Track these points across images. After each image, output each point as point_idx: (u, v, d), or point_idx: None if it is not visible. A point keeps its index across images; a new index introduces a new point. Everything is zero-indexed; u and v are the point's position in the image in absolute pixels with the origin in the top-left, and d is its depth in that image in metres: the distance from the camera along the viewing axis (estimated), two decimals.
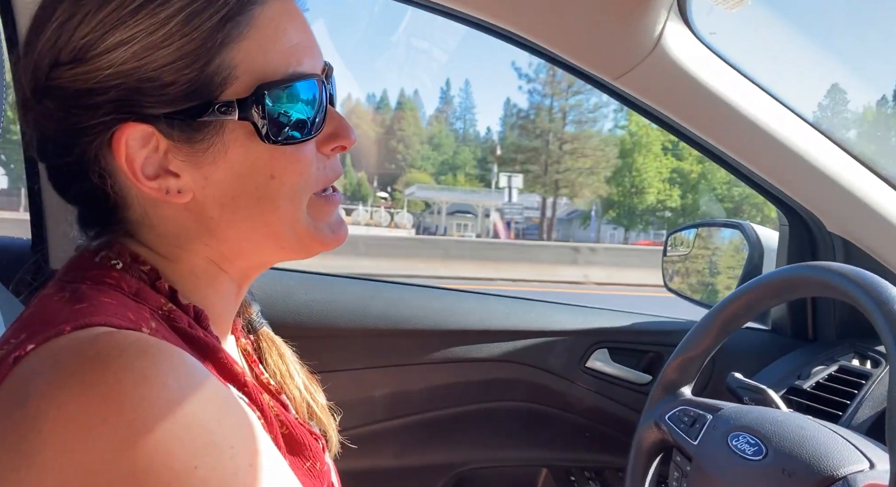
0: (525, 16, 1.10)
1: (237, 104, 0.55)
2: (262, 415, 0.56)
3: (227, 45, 0.54)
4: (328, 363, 1.38)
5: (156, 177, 0.55)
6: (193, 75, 0.53)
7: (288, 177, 0.58)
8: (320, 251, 0.64)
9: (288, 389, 0.72)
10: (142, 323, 0.50)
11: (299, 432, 0.61)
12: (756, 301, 0.93)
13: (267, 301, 1.36)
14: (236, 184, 0.57)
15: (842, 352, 1.22)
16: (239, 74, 0.55)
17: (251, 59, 0.55)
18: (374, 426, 1.41)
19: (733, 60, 1.17)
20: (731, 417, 0.88)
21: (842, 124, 35.57)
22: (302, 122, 0.58)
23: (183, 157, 0.56)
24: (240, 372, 0.57)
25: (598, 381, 1.43)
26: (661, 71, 1.14)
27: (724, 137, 1.22)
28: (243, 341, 0.73)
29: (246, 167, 0.57)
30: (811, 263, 0.87)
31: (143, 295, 0.55)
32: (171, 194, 0.56)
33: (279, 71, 0.56)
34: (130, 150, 0.54)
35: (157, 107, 0.54)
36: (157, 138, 0.55)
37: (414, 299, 1.44)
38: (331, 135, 0.62)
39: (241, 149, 0.56)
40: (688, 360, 0.99)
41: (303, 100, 0.58)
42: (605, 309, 1.52)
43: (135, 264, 0.57)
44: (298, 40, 0.59)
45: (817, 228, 1.30)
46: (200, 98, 0.54)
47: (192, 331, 0.55)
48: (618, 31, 1.10)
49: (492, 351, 1.43)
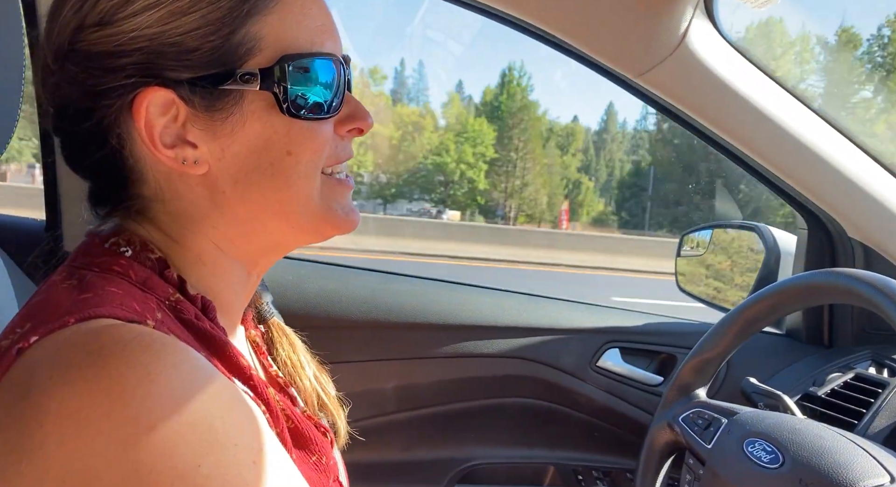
0: (548, 10, 1.09)
1: (260, 73, 0.55)
2: (267, 410, 0.56)
3: (253, 16, 0.55)
4: (338, 354, 1.37)
5: (173, 146, 0.55)
6: (218, 43, 0.54)
7: (304, 154, 0.58)
8: (331, 234, 0.63)
9: (298, 380, 0.71)
10: (147, 315, 0.49)
11: (305, 426, 0.61)
12: (778, 305, 0.92)
13: (278, 290, 1.36)
14: (252, 158, 0.57)
15: (858, 360, 1.21)
16: (263, 47, 0.55)
17: (276, 33, 0.56)
18: (381, 418, 1.40)
19: (758, 60, 1.15)
20: (747, 422, 0.87)
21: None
22: (322, 100, 0.58)
23: (201, 127, 0.55)
24: (246, 365, 0.56)
25: (608, 381, 1.42)
26: (685, 69, 1.12)
27: (746, 138, 1.20)
28: (253, 332, 0.73)
29: (263, 140, 0.57)
30: (837, 270, 0.85)
31: (151, 284, 0.55)
32: (188, 165, 0.56)
33: (303, 46, 0.57)
34: (150, 116, 0.54)
35: (180, 72, 0.54)
36: (177, 107, 0.55)
37: (425, 292, 1.44)
38: (349, 116, 0.62)
39: (260, 121, 0.56)
40: (704, 362, 0.98)
41: (324, 78, 0.58)
42: (617, 309, 1.51)
43: (144, 252, 0.57)
44: (322, 22, 0.59)
45: (838, 233, 1.29)
46: (223, 66, 0.54)
47: (198, 323, 0.55)
48: (642, 28, 1.08)
49: (502, 347, 1.42)
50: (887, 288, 0.75)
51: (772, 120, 1.15)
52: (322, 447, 0.62)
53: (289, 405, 0.62)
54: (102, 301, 0.48)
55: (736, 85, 1.13)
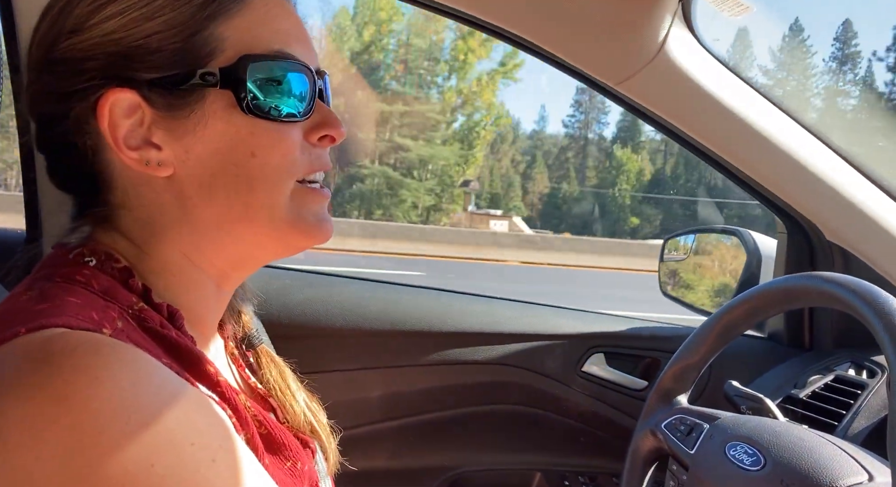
0: (528, 18, 1.10)
1: (220, 73, 0.56)
2: (234, 414, 0.56)
3: (216, 19, 0.57)
4: (323, 362, 1.37)
5: (137, 148, 0.57)
6: (179, 44, 0.56)
7: (270, 156, 0.58)
8: (301, 245, 0.63)
9: (288, 405, 0.71)
10: (105, 323, 0.49)
11: (279, 432, 0.61)
12: (757, 309, 0.93)
13: (264, 299, 1.35)
14: (216, 160, 0.57)
15: (838, 362, 1.22)
16: (225, 48, 0.57)
17: (239, 35, 0.58)
18: (368, 427, 1.40)
19: (736, 67, 1.17)
20: (728, 426, 0.88)
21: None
22: (285, 100, 0.59)
23: (165, 128, 0.57)
24: (212, 371, 0.56)
25: (594, 386, 1.43)
26: (664, 76, 1.14)
27: (724, 144, 1.22)
28: (232, 344, 0.73)
29: (226, 141, 0.57)
30: (813, 273, 0.86)
31: (114, 293, 0.55)
32: (152, 166, 0.57)
33: (266, 47, 0.58)
34: (114, 117, 0.56)
35: (142, 72, 0.56)
36: (142, 110, 0.56)
37: (411, 300, 1.44)
38: (319, 123, 0.62)
39: (222, 121, 0.57)
40: (685, 368, 0.99)
41: (286, 80, 0.59)
42: (602, 314, 1.52)
43: (108, 261, 0.57)
44: (289, 27, 0.61)
45: (816, 237, 1.30)
46: (185, 66, 0.56)
47: (163, 331, 0.55)
48: (622, 37, 1.09)
49: (488, 353, 1.42)
50: (862, 291, 0.77)
51: (750, 125, 1.16)
52: (297, 453, 0.62)
53: (261, 411, 0.61)
54: (58, 311, 0.49)
55: (714, 92, 1.15)
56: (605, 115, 42.64)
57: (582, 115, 43.08)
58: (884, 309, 0.73)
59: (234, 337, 0.74)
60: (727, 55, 1.18)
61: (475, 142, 27.51)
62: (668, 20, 1.07)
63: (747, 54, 34.50)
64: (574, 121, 43.60)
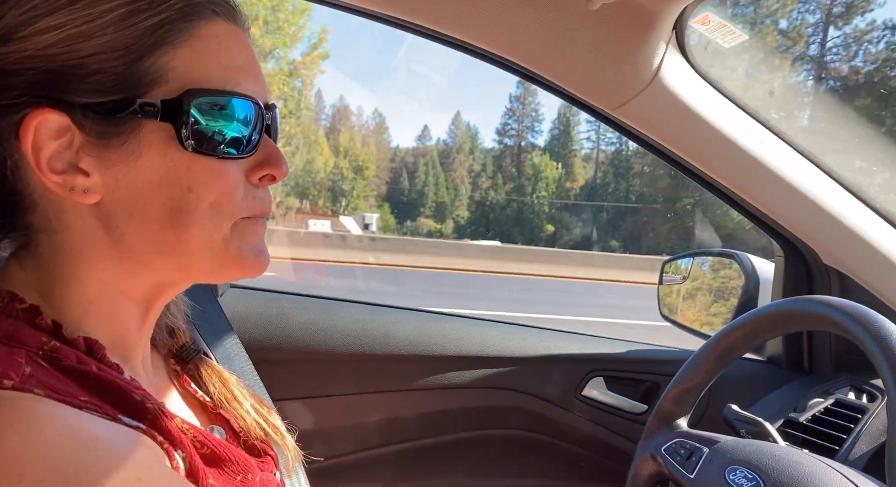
0: (525, 46, 1.12)
1: (161, 105, 0.53)
2: (166, 439, 0.54)
3: (162, 47, 0.53)
4: (323, 387, 1.37)
5: (62, 172, 0.53)
6: (120, 69, 0.52)
7: (207, 193, 0.55)
8: (237, 277, 0.61)
9: (237, 414, 0.70)
10: (10, 371, 0.47)
11: (223, 449, 0.60)
12: (755, 332, 0.93)
13: (262, 323, 1.35)
14: (149, 192, 0.54)
15: (838, 386, 1.22)
16: (170, 78, 0.54)
17: (186, 65, 0.54)
18: (367, 452, 1.39)
19: (731, 92, 1.19)
20: (727, 450, 0.87)
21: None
22: (228, 138, 0.56)
23: (95, 154, 0.53)
24: (138, 399, 0.54)
25: (593, 410, 1.42)
26: (659, 102, 1.15)
27: (720, 168, 1.23)
28: (173, 361, 0.71)
29: (161, 174, 0.54)
30: (811, 297, 0.87)
31: (19, 336, 0.52)
32: (77, 192, 0.53)
33: (213, 82, 0.55)
34: (39, 139, 0.52)
35: (77, 95, 0.52)
36: (72, 133, 0.53)
37: (410, 323, 1.44)
38: (261, 162, 0.60)
39: (158, 153, 0.54)
40: (685, 391, 0.99)
41: (233, 117, 0.56)
42: (601, 337, 1.52)
43: (12, 303, 0.54)
44: (242, 62, 0.58)
45: (813, 260, 1.31)
46: (124, 93, 0.52)
47: (80, 367, 0.52)
48: (617, 63, 1.11)
49: (487, 377, 1.42)
50: (859, 316, 0.77)
51: (745, 150, 1.18)
52: (246, 466, 0.61)
53: (201, 431, 0.60)
54: None
55: (709, 117, 1.16)
56: (539, 124, 42.97)
57: (515, 124, 43.60)
58: (880, 334, 0.73)
59: (171, 353, 0.72)
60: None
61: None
62: (662, 47, 1.09)
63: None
64: (508, 129, 44.28)
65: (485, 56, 1.16)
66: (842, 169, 1.20)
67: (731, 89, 1.18)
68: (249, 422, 0.70)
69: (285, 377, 1.34)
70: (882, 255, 1.19)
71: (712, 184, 1.28)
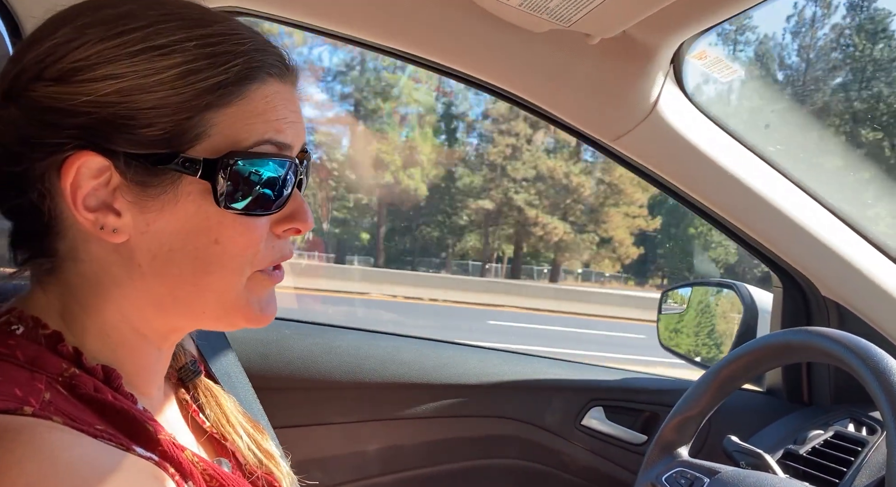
0: (525, 78, 1.14)
1: (203, 162, 0.54)
2: (177, 472, 0.54)
3: (213, 108, 0.54)
4: (321, 415, 1.36)
5: (96, 210, 0.54)
6: (169, 126, 0.53)
7: (233, 246, 0.57)
8: (241, 326, 0.62)
9: (231, 440, 0.70)
10: (30, 398, 0.48)
11: (231, 482, 0.60)
12: (755, 363, 0.93)
13: (262, 349, 1.35)
14: (176, 239, 0.56)
15: (837, 418, 1.22)
16: (213, 134, 0.55)
17: (231, 124, 0.55)
18: (367, 480, 1.38)
19: (728, 125, 1.21)
20: (728, 482, 0.87)
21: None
22: (262, 197, 0.57)
23: (131, 198, 0.55)
24: (152, 430, 0.55)
25: (593, 440, 1.42)
26: (657, 134, 1.17)
27: (718, 200, 1.25)
28: (182, 391, 0.71)
29: (193, 225, 0.56)
30: (810, 328, 0.87)
31: (41, 362, 0.52)
32: (106, 231, 0.55)
33: (255, 140, 0.56)
34: (80, 177, 0.53)
35: (123, 145, 0.53)
36: (111, 174, 0.54)
37: (409, 351, 1.44)
38: (288, 216, 0.61)
39: (193, 205, 0.55)
40: (685, 420, 0.99)
41: (268, 178, 0.57)
42: (601, 367, 1.52)
43: (36, 328, 0.55)
44: (285, 117, 0.59)
45: (811, 292, 1.32)
46: (169, 147, 0.54)
47: (97, 396, 0.53)
48: (616, 97, 1.13)
49: (487, 406, 1.41)
50: (857, 349, 0.78)
51: (742, 182, 1.19)
52: None
53: (211, 466, 0.60)
54: None
55: (707, 149, 1.18)
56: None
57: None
58: (879, 368, 0.74)
59: (177, 382, 0.72)
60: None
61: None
62: (660, 80, 1.11)
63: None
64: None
65: (485, 87, 1.18)
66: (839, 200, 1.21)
67: (728, 122, 1.20)
68: (244, 450, 0.70)
69: (283, 404, 1.34)
70: (880, 288, 1.20)
71: (711, 216, 1.29)
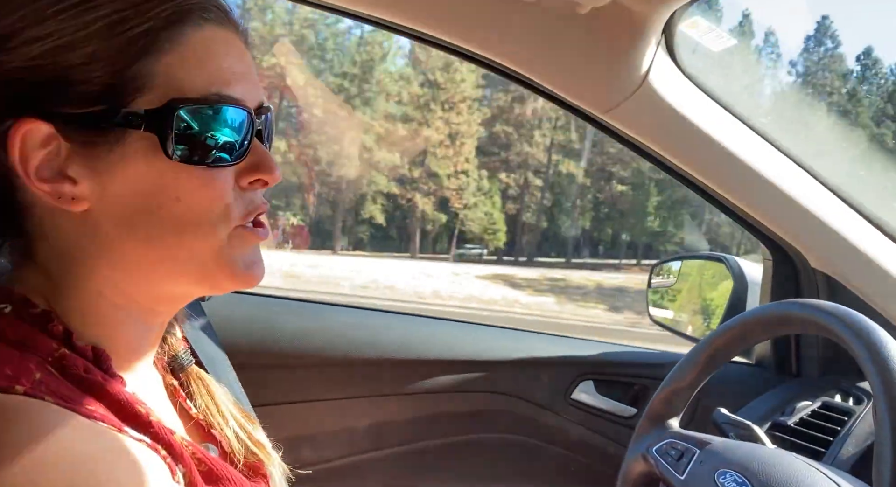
0: (514, 49, 1.12)
1: (146, 114, 0.52)
2: (168, 454, 0.54)
3: (148, 55, 0.52)
4: (312, 391, 1.36)
5: (51, 180, 0.53)
6: (105, 79, 0.52)
7: (196, 202, 0.55)
8: (228, 288, 0.60)
9: (219, 430, 0.69)
10: (21, 377, 0.47)
11: (219, 467, 0.59)
12: (745, 335, 0.93)
13: (248, 327, 1.34)
14: (136, 201, 0.54)
15: (825, 389, 1.23)
16: (154, 86, 0.53)
17: (171, 73, 0.53)
18: (357, 457, 1.38)
19: (720, 97, 1.19)
20: (718, 453, 0.87)
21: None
22: (214, 146, 0.55)
23: (82, 163, 0.53)
24: (143, 412, 0.54)
25: (583, 413, 1.42)
26: (649, 106, 1.15)
27: (709, 172, 1.24)
28: (170, 377, 0.70)
29: (147, 183, 0.54)
30: (801, 300, 0.87)
31: (32, 342, 0.52)
32: (65, 200, 0.53)
33: (199, 89, 0.54)
34: (26, 148, 0.52)
35: (61, 106, 0.52)
36: (60, 142, 0.52)
37: (399, 327, 1.43)
38: (252, 167, 0.59)
39: (144, 162, 0.53)
40: (675, 392, 0.99)
41: (219, 124, 0.55)
42: (591, 340, 1.52)
43: (25, 307, 0.54)
44: (230, 66, 0.57)
45: (801, 264, 1.32)
46: (109, 103, 0.52)
47: (87, 376, 0.52)
48: (607, 67, 1.11)
49: (477, 381, 1.41)
50: (848, 320, 0.77)
51: (733, 154, 1.18)
52: (241, 485, 0.61)
53: (199, 449, 0.59)
54: None
55: (698, 121, 1.17)
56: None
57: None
58: (869, 339, 0.74)
59: (165, 367, 0.71)
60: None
61: None
62: (652, 51, 1.09)
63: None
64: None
65: (473, 58, 1.16)
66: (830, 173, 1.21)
67: (720, 92, 1.19)
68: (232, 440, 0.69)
69: (272, 382, 1.33)
70: (869, 259, 1.20)
71: (701, 188, 1.28)
